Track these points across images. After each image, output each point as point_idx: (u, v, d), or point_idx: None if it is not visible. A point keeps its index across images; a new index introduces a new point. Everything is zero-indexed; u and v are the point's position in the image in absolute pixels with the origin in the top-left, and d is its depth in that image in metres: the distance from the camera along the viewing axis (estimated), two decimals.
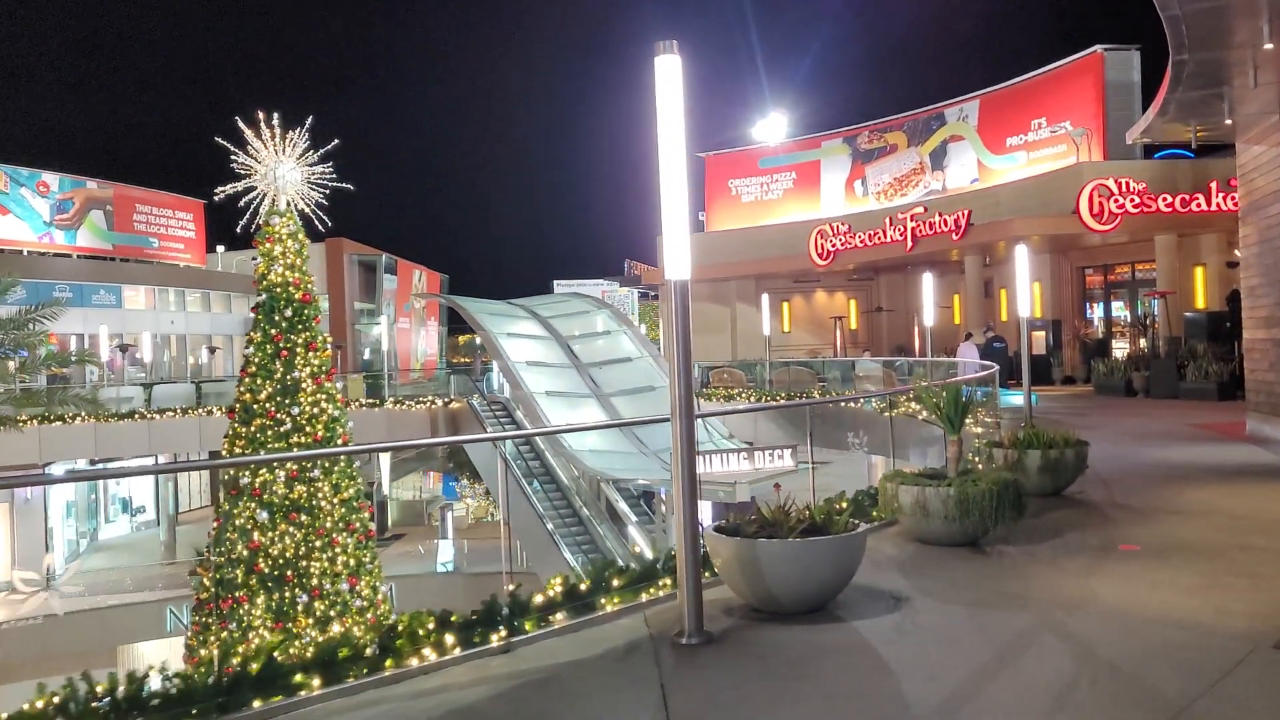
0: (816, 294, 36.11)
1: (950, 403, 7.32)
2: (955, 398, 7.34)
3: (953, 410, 7.29)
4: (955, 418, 7.30)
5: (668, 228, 5.08)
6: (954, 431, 7.36)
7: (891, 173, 34.01)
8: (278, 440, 15.90)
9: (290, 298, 16.41)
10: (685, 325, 5.09)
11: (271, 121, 16.31)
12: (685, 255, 5.08)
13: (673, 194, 5.05)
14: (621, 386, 27.63)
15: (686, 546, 5.01)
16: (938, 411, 7.39)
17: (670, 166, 5.05)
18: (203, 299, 45.91)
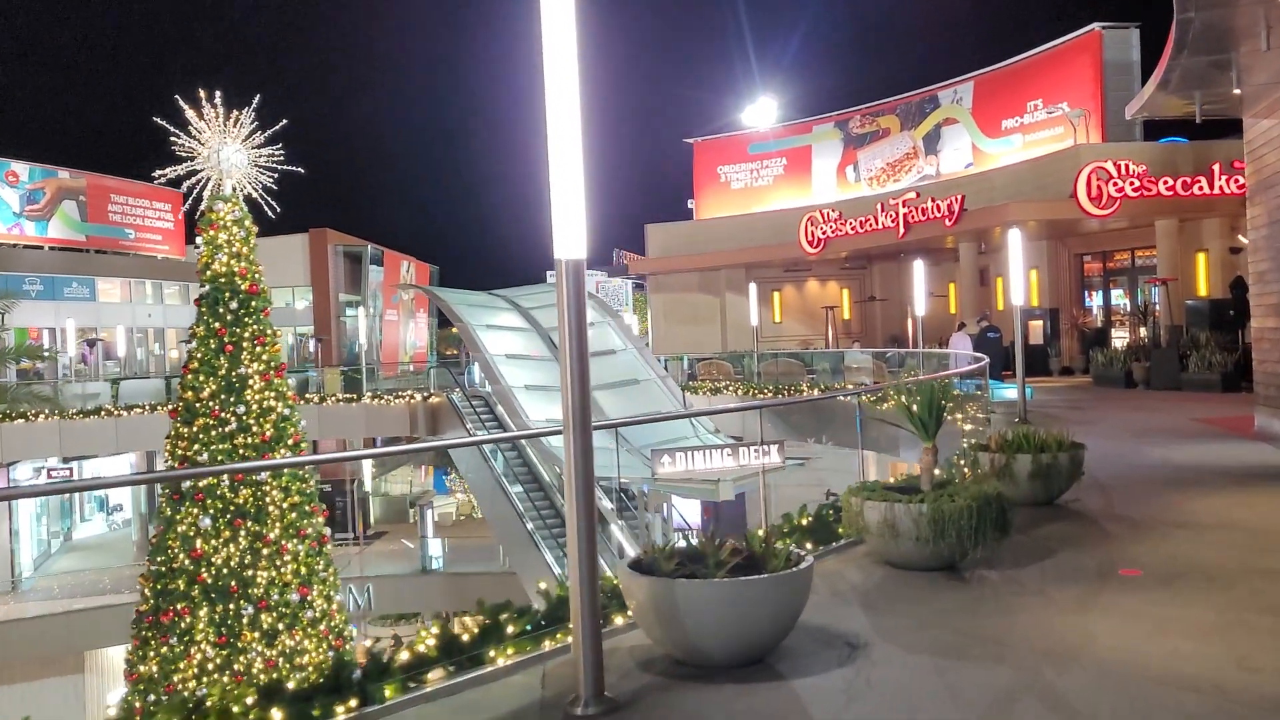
0: (808, 283, 35.10)
1: (923, 405, 6.33)
2: (929, 399, 6.35)
3: (926, 413, 6.31)
4: (929, 422, 6.32)
5: (558, 192, 4.08)
6: (927, 438, 6.37)
7: (884, 157, 32.97)
8: (222, 441, 14.94)
9: (236, 289, 15.44)
10: (578, 316, 4.11)
11: (214, 100, 15.30)
12: (579, 227, 4.09)
13: (563, 150, 4.06)
14: (604, 380, 26.58)
15: (582, 592, 4.03)
16: (908, 414, 6.40)
17: (560, 111, 4.05)
18: (182, 291, 44.84)
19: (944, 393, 6.42)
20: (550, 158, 4.06)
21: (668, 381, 26.71)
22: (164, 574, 14.82)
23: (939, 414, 6.37)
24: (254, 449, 14.98)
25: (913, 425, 6.41)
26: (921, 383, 6.52)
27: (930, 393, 6.36)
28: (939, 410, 6.37)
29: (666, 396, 26.06)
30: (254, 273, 15.68)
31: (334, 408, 29.82)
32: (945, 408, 6.50)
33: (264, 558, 14.72)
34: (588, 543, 4.08)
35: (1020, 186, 27.04)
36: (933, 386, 6.47)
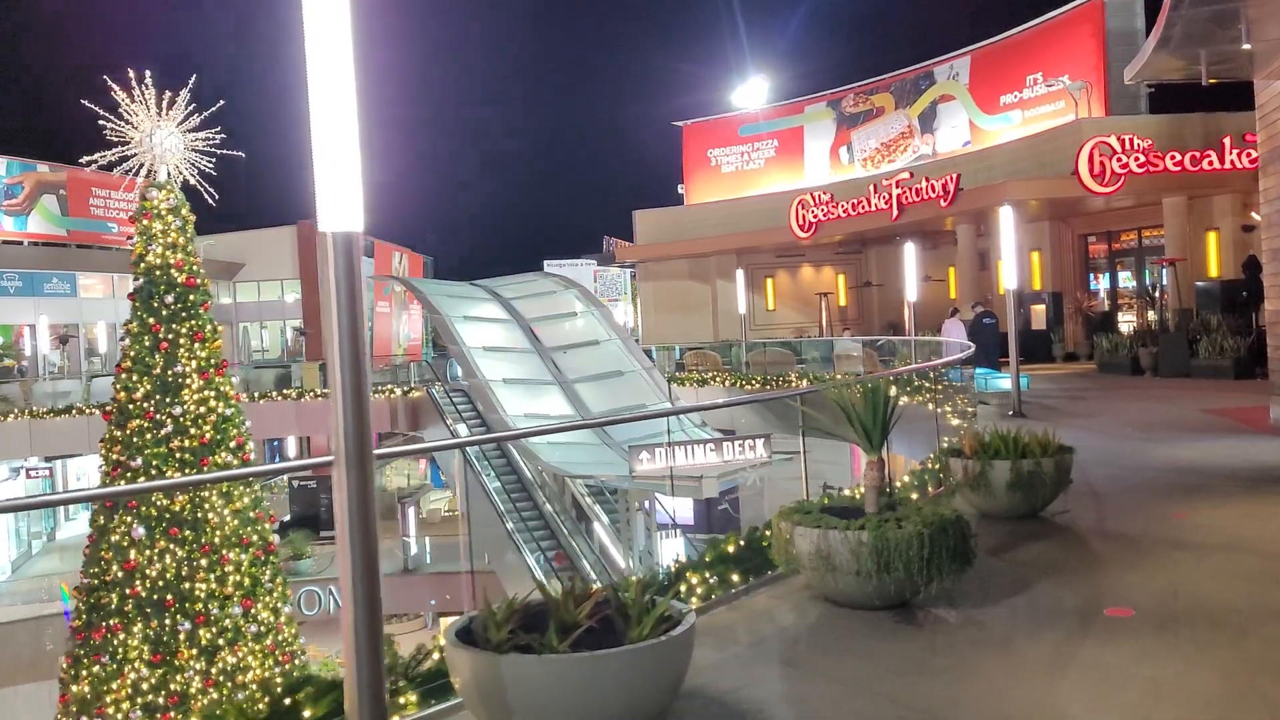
0: (802, 269, 33.96)
1: (868, 409, 5.26)
2: (875, 401, 5.28)
3: (869, 419, 5.24)
4: (872, 429, 5.25)
5: (321, 148, 3.02)
6: (872, 449, 5.31)
7: (878, 137, 31.78)
8: (157, 445, 13.90)
9: (172, 282, 14.39)
10: (349, 307, 3.03)
11: (144, 80, 14.23)
12: (353, 193, 3.03)
13: (328, 97, 3.00)
14: (587, 372, 25.61)
15: (359, 678, 2.98)
16: (849, 420, 5.34)
17: (320, 44, 2.99)
18: None
19: (887, 395, 5.34)
20: (311, 105, 3.00)
21: (653, 373, 25.70)
22: (96, 587, 13.86)
23: (885, 419, 5.31)
24: (192, 453, 13.98)
25: (853, 433, 5.35)
26: (864, 381, 5.43)
27: (874, 394, 5.29)
28: (885, 415, 5.31)
29: (651, 389, 25.04)
30: (191, 264, 14.63)
31: (312, 403, 28.86)
32: (896, 410, 5.43)
33: (202, 569, 13.74)
34: (367, 614, 3.02)
35: (1020, 164, 25.86)
36: (877, 386, 5.39)
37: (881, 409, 5.30)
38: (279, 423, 29.32)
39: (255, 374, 31.25)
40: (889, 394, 5.35)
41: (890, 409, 5.37)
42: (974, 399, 13.12)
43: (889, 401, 5.32)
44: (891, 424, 5.36)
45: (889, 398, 5.34)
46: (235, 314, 47.49)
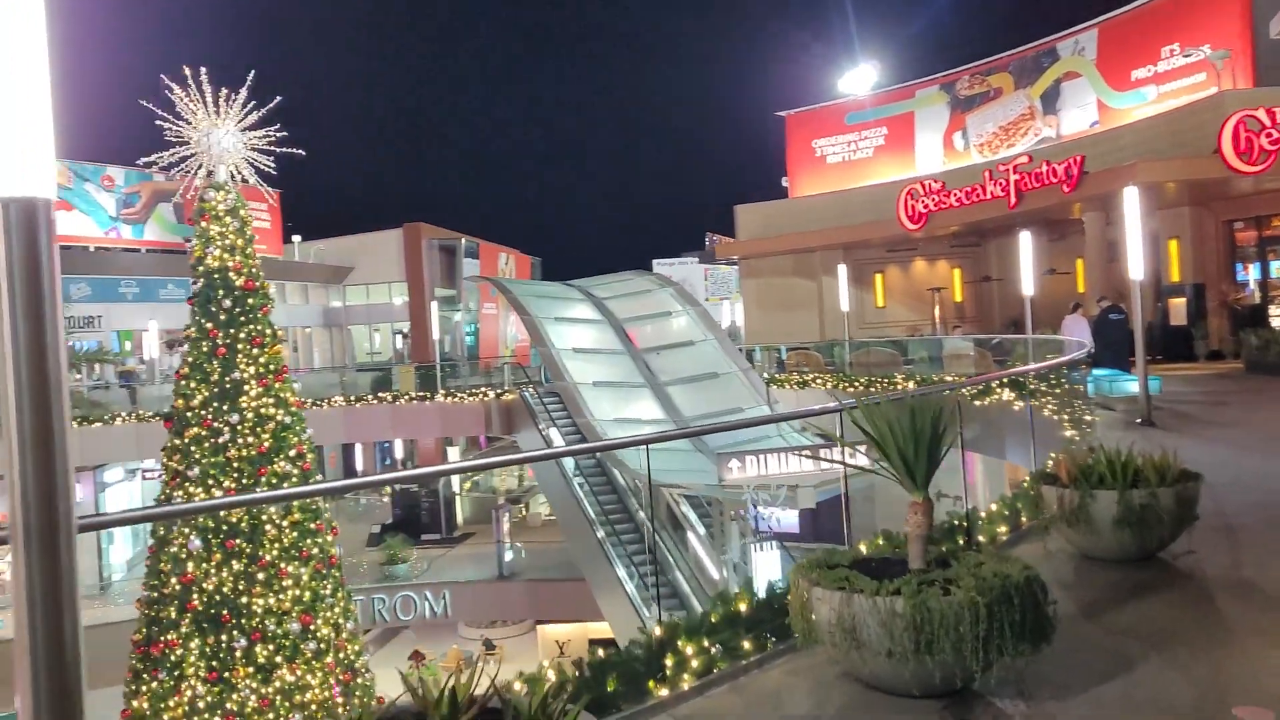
0: (915, 263, 32.11)
1: (907, 435, 4.06)
2: (917, 425, 4.07)
3: (911, 448, 4.04)
4: (916, 462, 4.05)
5: None
6: (915, 487, 4.11)
7: (996, 121, 29.76)
8: (214, 454, 13.46)
9: (230, 285, 13.93)
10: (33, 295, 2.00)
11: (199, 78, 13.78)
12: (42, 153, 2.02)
13: None
14: (680, 374, 24.55)
15: None
16: (881, 448, 4.15)
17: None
18: (278, 290, 44.67)
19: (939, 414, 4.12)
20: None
21: (750, 375, 24.46)
22: (156, 600, 13.48)
23: (934, 448, 4.10)
24: (248, 462, 13.47)
25: (889, 464, 4.15)
26: (911, 401, 4.21)
27: (918, 415, 4.08)
28: (934, 442, 4.10)
29: (748, 391, 23.82)
30: (250, 267, 14.15)
31: (407, 407, 28.60)
32: (948, 435, 4.21)
33: (259, 583, 13.21)
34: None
35: (1154, 144, 23.64)
36: (922, 406, 4.18)
37: (928, 435, 4.09)
38: (376, 426, 29.17)
39: (353, 377, 31.13)
40: (938, 414, 4.13)
41: (940, 432, 4.15)
42: (1091, 405, 11.56)
43: (939, 424, 4.10)
44: (943, 453, 4.15)
45: (939, 419, 4.12)
46: (345, 317, 48.06)
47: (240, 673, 12.87)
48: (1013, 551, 6.39)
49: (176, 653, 13.00)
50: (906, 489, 4.14)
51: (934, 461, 4.09)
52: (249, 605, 13.06)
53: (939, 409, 4.12)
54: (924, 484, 4.07)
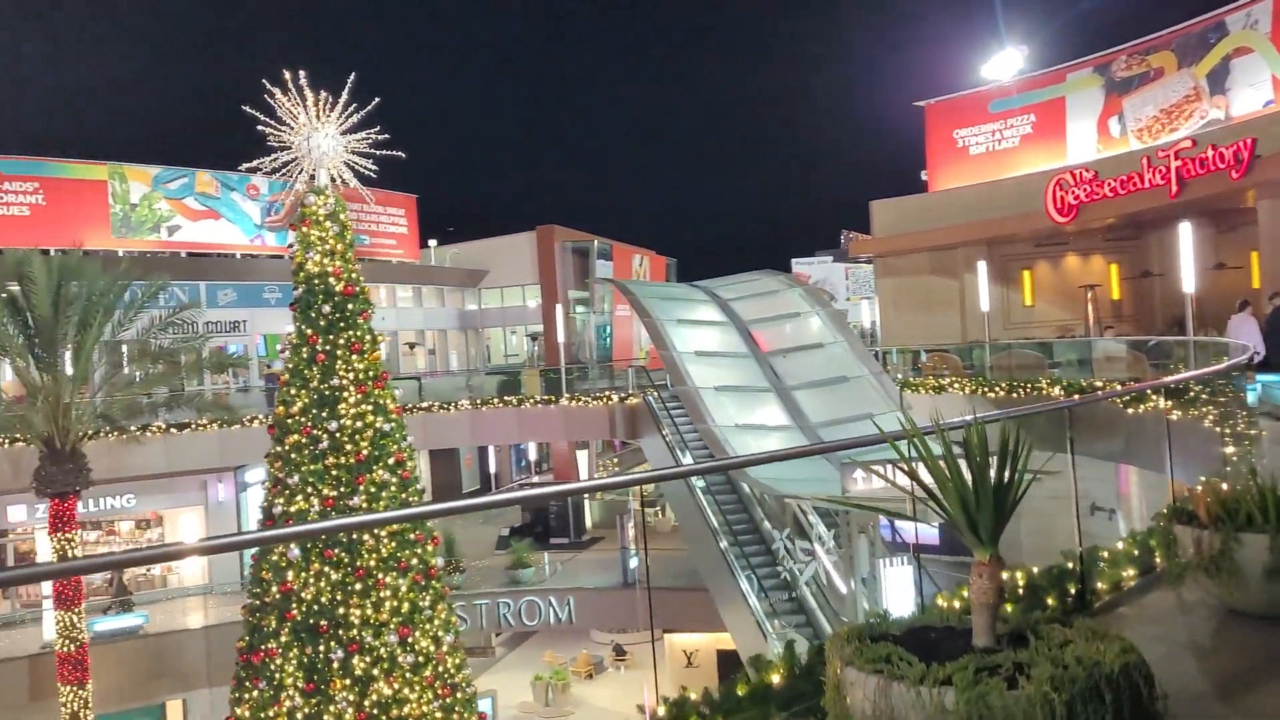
0: (1066, 259, 30.03)
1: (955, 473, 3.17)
2: (979, 463, 3.18)
3: (969, 492, 3.15)
4: (980, 511, 3.16)
5: None
6: (981, 543, 3.21)
7: (1157, 104, 27.47)
8: (314, 461, 13.30)
9: (329, 291, 13.79)
10: None
11: (299, 81, 13.67)
12: None
13: None
14: (808, 378, 23.48)
15: None
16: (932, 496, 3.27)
17: None
18: (415, 294, 45.50)
19: (1012, 444, 3.21)
20: None
21: (882, 378, 23.19)
22: (258, 608, 13.42)
23: (1004, 494, 3.19)
24: (346, 470, 13.26)
25: (947, 514, 3.27)
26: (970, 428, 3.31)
27: (979, 449, 3.18)
28: (1004, 487, 3.19)
29: (880, 396, 22.56)
30: (350, 272, 13.96)
31: (532, 410, 28.44)
32: (1023, 479, 3.29)
33: (356, 594, 12.97)
34: None
35: None
36: (985, 432, 3.27)
37: (997, 477, 3.18)
38: (502, 429, 29.13)
39: (480, 380, 31.19)
40: (1015, 447, 3.22)
41: (1016, 472, 3.24)
42: (1256, 416, 10.14)
43: (1012, 462, 3.20)
44: (1017, 500, 3.24)
45: (1015, 455, 3.21)
46: (480, 320, 48.60)
47: (337, 685, 12.65)
48: (1142, 601, 5.34)
49: (275, 662, 12.89)
50: (968, 544, 3.24)
51: (1004, 509, 3.18)
52: (346, 616, 12.85)
53: (1014, 447, 3.21)
54: (992, 538, 3.17)
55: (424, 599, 13.47)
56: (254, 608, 13.40)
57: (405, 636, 13.06)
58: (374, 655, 12.80)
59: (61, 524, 18.83)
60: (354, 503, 13.07)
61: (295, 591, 12.88)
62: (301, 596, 12.86)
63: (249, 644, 13.29)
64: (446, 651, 13.63)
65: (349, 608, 12.84)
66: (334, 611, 12.81)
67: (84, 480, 19.38)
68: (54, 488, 18.90)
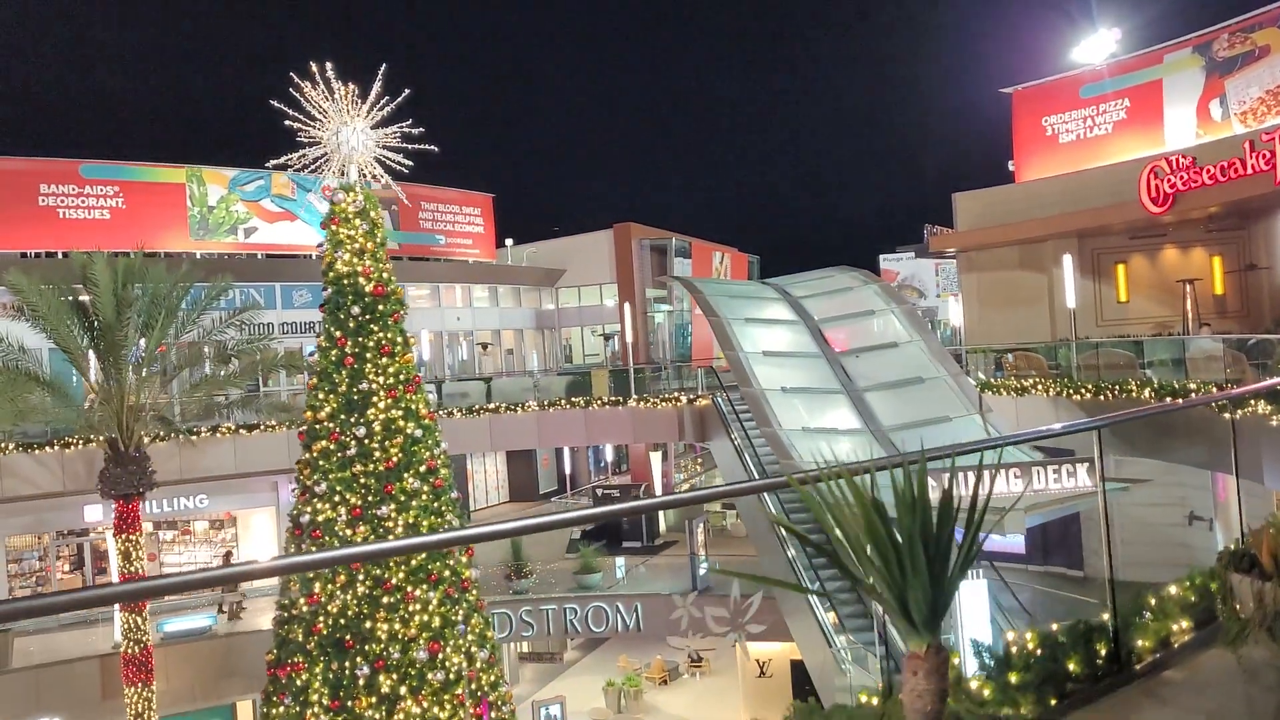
0: (1164, 251, 28.15)
1: (875, 534, 2.33)
2: (918, 519, 2.33)
3: (897, 564, 2.30)
4: (910, 586, 2.31)
5: None
6: (916, 630, 2.35)
7: (1262, 84, 25.50)
8: (341, 469, 12.84)
9: (359, 291, 13.31)
10: None
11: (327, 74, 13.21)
12: None
13: None
14: (881, 379, 22.38)
15: None
16: (839, 562, 2.43)
17: None
18: (490, 293, 45.30)
19: (948, 504, 2.36)
20: None
21: (960, 380, 21.95)
22: (286, 620, 13.01)
23: (945, 563, 2.33)
24: (375, 477, 12.76)
25: (860, 584, 2.43)
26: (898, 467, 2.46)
27: (924, 504, 2.34)
28: (944, 554, 2.33)
29: (957, 398, 21.37)
30: (380, 271, 13.46)
31: (599, 411, 27.82)
32: (976, 541, 2.43)
33: (384, 607, 12.46)
34: None
35: None
36: (925, 487, 2.42)
37: (941, 538, 2.33)
38: (569, 431, 28.56)
39: (548, 381, 30.69)
40: (949, 500, 2.37)
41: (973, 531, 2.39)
42: None
43: (949, 521, 2.35)
44: (959, 573, 2.38)
45: (949, 508, 2.36)
46: (558, 319, 48.25)
47: (363, 703, 12.15)
48: (1195, 662, 4.36)
49: (302, 677, 12.45)
50: (898, 630, 2.40)
51: (943, 584, 2.33)
52: (373, 631, 12.35)
53: (948, 502, 2.36)
54: (928, 622, 2.32)
55: (456, 613, 12.90)
56: (281, 619, 13.01)
57: (435, 653, 12.50)
58: (401, 672, 12.28)
59: (126, 525, 18.84)
60: (382, 512, 12.56)
61: (322, 604, 12.43)
62: (328, 610, 12.40)
63: (277, 657, 12.89)
64: (481, 668, 13.04)
65: (376, 622, 12.33)
66: (360, 625, 12.32)
67: (147, 482, 19.40)
68: (118, 489, 18.94)
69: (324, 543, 12.55)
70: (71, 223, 32.76)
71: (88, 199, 33.08)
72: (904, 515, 2.34)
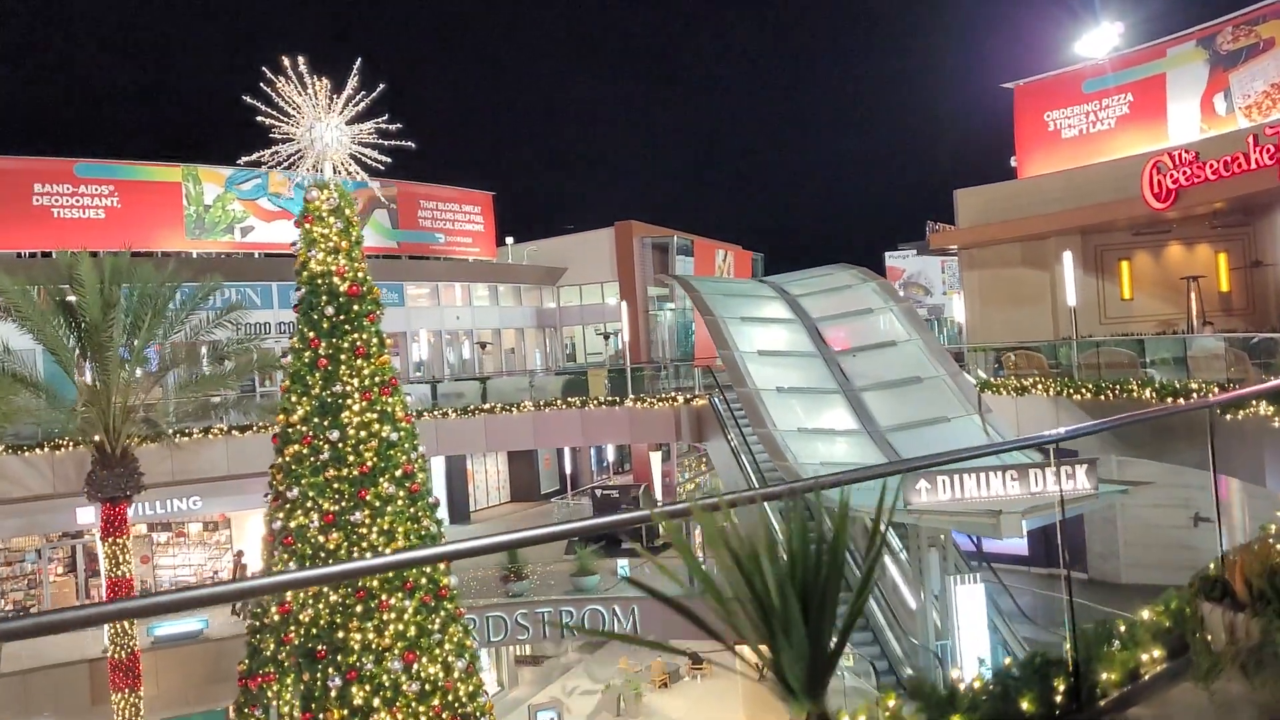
0: (1169, 248, 27.69)
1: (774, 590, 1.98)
2: (797, 575, 1.98)
3: (783, 620, 1.96)
4: (787, 646, 1.96)
5: None
6: (794, 696, 2.00)
7: (1268, 78, 25.01)
8: (314, 473, 12.51)
9: (333, 291, 12.98)
10: None
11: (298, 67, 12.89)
12: None
13: None
14: (878, 378, 22.00)
15: None
16: (723, 606, 2.08)
17: None
18: (490, 292, 44.99)
19: (836, 553, 2.01)
20: None
21: (959, 379, 21.56)
22: (258, 629, 12.71)
23: (823, 611, 1.98)
24: (348, 483, 12.44)
25: (751, 634, 2.08)
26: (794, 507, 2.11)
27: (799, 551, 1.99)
28: (832, 592, 1.98)
29: (955, 398, 20.98)
30: (355, 271, 13.14)
31: (595, 411, 27.50)
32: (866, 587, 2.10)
33: (357, 615, 12.14)
34: None
35: None
36: (801, 528, 2.07)
37: (827, 586, 1.99)
38: (565, 432, 28.25)
39: (543, 381, 30.36)
40: (836, 538, 2.03)
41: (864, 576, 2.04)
42: None
43: (833, 561, 2.00)
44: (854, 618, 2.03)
45: (831, 549, 2.02)
46: (559, 318, 47.91)
47: (334, 715, 11.84)
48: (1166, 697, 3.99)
49: (273, 688, 12.14)
50: (776, 696, 2.04)
51: (826, 644, 1.97)
52: (346, 641, 12.03)
53: (839, 540, 2.01)
54: (808, 688, 1.96)
55: (433, 621, 12.58)
56: (254, 628, 12.70)
57: (410, 662, 12.19)
58: (375, 683, 11.96)
59: (113, 529, 18.59)
60: (355, 518, 12.24)
61: (294, 613, 12.11)
62: (300, 619, 12.09)
63: (248, 668, 12.58)
64: (458, 678, 12.71)
65: (349, 631, 12.02)
66: (332, 635, 12.00)
67: (135, 485, 19.13)
68: (105, 492, 18.69)
69: (296, 549, 12.25)
70: (66, 222, 32.53)
71: (82, 198, 32.85)
72: (770, 557, 1.99)
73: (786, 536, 2.02)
